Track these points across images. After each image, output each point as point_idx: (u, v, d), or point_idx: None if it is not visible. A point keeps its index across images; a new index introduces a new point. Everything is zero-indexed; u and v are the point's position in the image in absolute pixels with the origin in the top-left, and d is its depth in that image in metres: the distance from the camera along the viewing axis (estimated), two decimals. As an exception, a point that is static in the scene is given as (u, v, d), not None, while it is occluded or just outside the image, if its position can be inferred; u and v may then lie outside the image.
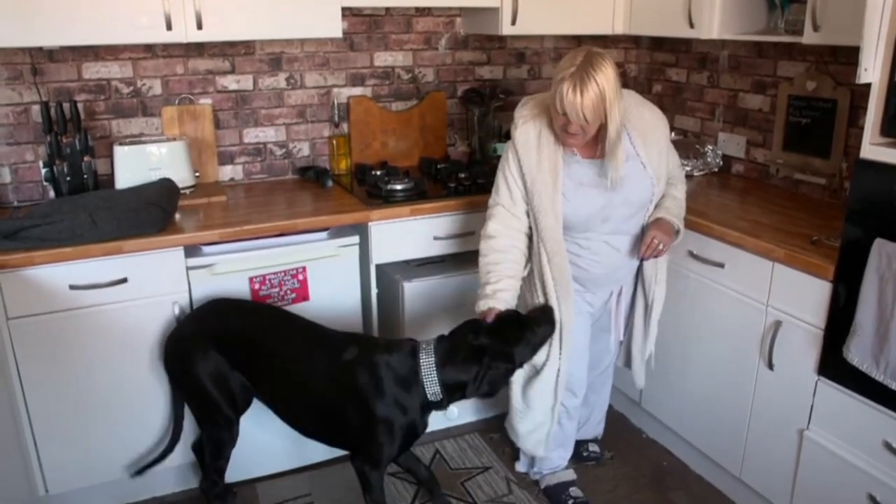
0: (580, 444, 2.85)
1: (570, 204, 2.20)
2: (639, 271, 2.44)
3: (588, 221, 2.23)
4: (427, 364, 2.11)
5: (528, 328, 2.19)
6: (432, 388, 2.11)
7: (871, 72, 1.92)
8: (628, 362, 2.60)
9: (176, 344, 2.33)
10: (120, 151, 2.70)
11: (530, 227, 2.29)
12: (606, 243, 2.28)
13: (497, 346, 2.12)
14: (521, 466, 2.80)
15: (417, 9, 3.21)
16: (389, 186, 2.81)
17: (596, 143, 2.17)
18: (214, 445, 2.39)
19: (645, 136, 2.23)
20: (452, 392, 2.14)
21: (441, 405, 2.16)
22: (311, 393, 2.20)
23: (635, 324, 2.51)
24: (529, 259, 2.33)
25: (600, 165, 2.18)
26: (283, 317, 2.37)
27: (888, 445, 2.01)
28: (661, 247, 2.24)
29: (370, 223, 2.68)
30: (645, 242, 2.24)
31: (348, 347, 2.19)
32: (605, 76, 1.98)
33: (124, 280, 2.35)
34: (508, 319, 2.20)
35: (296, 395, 2.24)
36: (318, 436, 2.31)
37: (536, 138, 2.19)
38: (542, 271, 2.28)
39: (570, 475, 2.70)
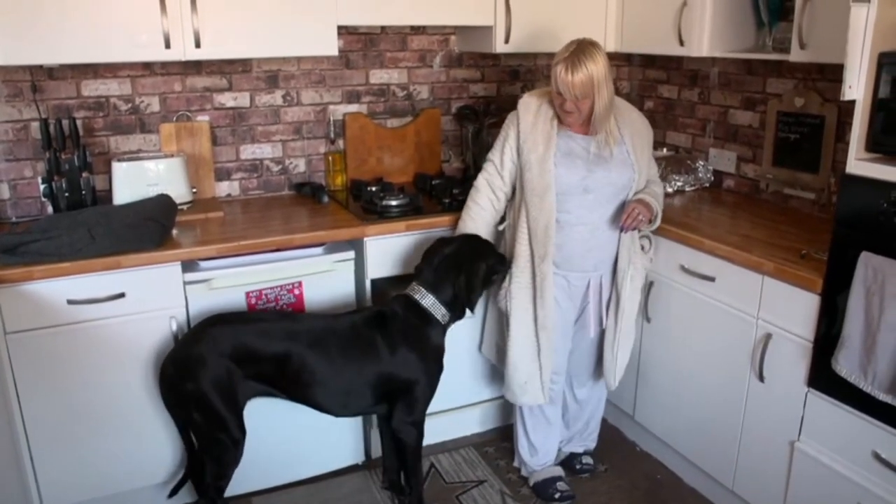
0: (574, 457, 2.88)
1: (556, 170, 2.39)
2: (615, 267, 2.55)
3: (570, 189, 2.41)
4: (423, 297, 2.40)
5: (491, 247, 2.54)
6: (438, 312, 2.41)
7: (856, 89, 1.96)
8: (600, 361, 2.67)
9: (182, 364, 2.26)
10: (118, 168, 2.73)
11: (513, 190, 2.55)
12: (583, 221, 2.43)
13: (467, 250, 2.46)
14: (524, 470, 2.85)
15: (412, 27, 3.27)
16: (385, 202, 2.84)
17: (590, 122, 2.40)
18: (218, 466, 2.35)
19: (633, 133, 2.50)
20: (453, 306, 2.44)
21: (450, 322, 2.47)
22: (346, 370, 2.34)
23: (608, 321, 2.59)
24: (507, 215, 2.62)
25: (588, 141, 2.43)
26: (286, 316, 2.47)
27: (877, 456, 2.03)
28: (640, 217, 2.40)
29: (366, 238, 2.71)
30: (626, 211, 2.42)
31: (360, 319, 2.40)
32: (594, 61, 2.28)
33: (122, 295, 2.37)
34: (473, 237, 2.55)
35: (329, 379, 2.33)
36: (359, 409, 2.50)
37: (537, 107, 2.47)
38: (521, 227, 2.48)
39: (558, 471, 2.78)
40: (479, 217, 2.58)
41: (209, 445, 2.34)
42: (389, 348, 2.35)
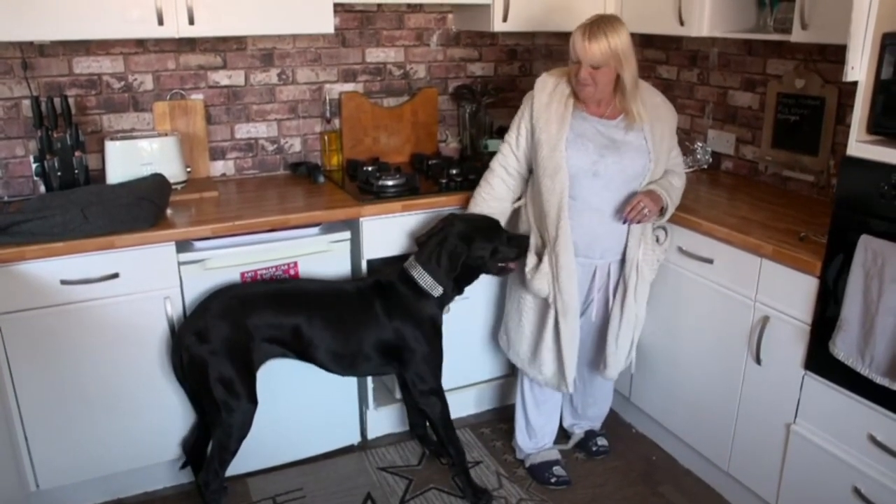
0: (589, 438, 2.91)
1: (567, 151, 2.35)
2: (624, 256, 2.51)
3: (579, 172, 2.36)
4: (415, 271, 2.45)
5: (495, 231, 2.50)
6: (430, 287, 2.44)
7: (858, 70, 1.94)
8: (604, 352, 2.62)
9: (201, 332, 2.31)
10: (111, 146, 2.69)
11: (529, 169, 2.53)
12: (590, 207, 2.39)
13: (456, 232, 2.44)
14: (518, 453, 2.85)
15: (409, 5, 3.22)
16: (381, 182, 2.81)
17: (606, 104, 2.38)
18: (227, 435, 2.36)
19: (653, 119, 2.42)
20: (446, 281, 2.45)
21: (447, 296, 2.50)
22: (352, 334, 2.44)
23: (612, 309, 2.56)
24: (523, 196, 2.59)
25: (604, 125, 2.38)
26: (297, 282, 2.57)
27: (873, 439, 2.04)
28: (645, 211, 2.34)
29: (361, 219, 2.69)
30: (630, 203, 2.34)
31: (363, 287, 2.50)
32: (615, 31, 2.24)
33: (116, 275, 2.35)
34: (481, 221, 2.52)
35: (338, 342, 2.43)
36: (367, 371, 2.65)
37: (553, 85, 2.42)
38: (534, 208, 2.48)
39: (555, 455, 2.77)
40: (490, 197, 2.56)
41: (225, 412, 2.33)
42: (386, 316, 2.44)
